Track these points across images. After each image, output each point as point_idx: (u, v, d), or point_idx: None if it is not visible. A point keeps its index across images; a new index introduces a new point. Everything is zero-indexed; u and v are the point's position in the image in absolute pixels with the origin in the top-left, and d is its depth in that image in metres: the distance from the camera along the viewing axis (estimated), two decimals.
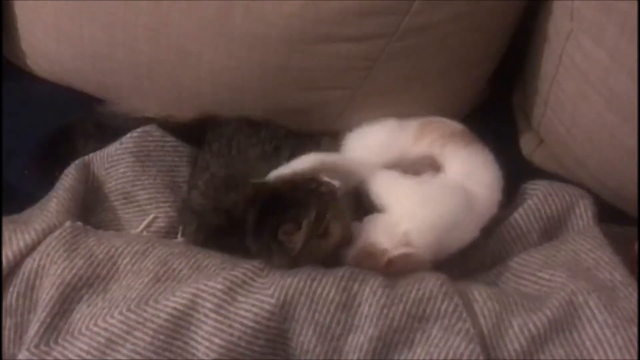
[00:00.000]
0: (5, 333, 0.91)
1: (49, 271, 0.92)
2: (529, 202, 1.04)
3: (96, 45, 1.16)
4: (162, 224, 1.07)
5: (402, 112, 1.13)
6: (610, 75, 0.99)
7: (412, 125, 1.10)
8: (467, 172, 1.02)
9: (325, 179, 0.97)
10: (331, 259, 0.94)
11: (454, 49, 1.10)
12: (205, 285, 0.88)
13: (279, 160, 1.06)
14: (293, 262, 0.91)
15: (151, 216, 1.07)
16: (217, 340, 0.86)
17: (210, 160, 1.08)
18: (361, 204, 1.02)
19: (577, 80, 1.04)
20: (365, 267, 0.92)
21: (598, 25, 0.98)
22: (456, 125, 1.10)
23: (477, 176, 1.02)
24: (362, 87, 1.11)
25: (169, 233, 1.07)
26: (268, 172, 1.02)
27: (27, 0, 1.20)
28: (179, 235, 1.06)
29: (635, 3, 0.91)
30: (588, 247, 0.97)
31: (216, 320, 0.86)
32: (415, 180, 1.01)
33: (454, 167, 1.02)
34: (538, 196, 1.04)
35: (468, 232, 0.98)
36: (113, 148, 1.11)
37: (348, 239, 0.95)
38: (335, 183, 0.98)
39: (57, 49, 1.20)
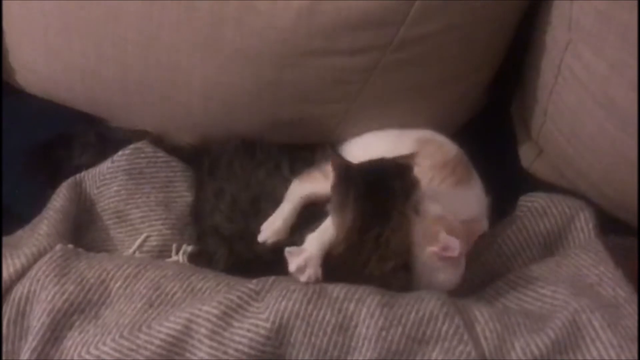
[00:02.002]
0: None
1: (40, 297, 0.90)
2: (528, 215, 1.03)
3: (85, 61, 1.13)
4: (154, 243, 1.05)
5: (399, 124, 1.12)
6: (611, 86, 0.97)
7: (409, 141, 1.08)
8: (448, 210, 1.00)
9: None
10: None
11: (450, 60, 1.07)
12: (200, 309, 0.86)
13: (282, 176, 1.07)
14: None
15: (143, 235, 1.06)
16: None
17: (223, 185, 1.07)
18: None
19: (577, 90, 1.02)
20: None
21: (598, 35, 0.96)
22: (450, 151, 1.08)
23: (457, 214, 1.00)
24: (358, 99, 1.09)
25: (162, 252, 1.05)
26: (280, 189, 1.03)
27: (15, 15, 1.17)
28: (173, 253, 1.05)
29: (636, 14, 0.89)
30: (590, 262, 0.95)
31: (210, 347, 0.84)
32: None
33: (435, 204, 0.99)
34: (537, 209, 1.03)
35: None
36: (105, 166, 1.10)
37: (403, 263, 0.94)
38: None
39: (45, 65, 1.18)
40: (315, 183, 1.04)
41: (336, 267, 0.93)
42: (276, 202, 1.02)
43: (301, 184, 1.04)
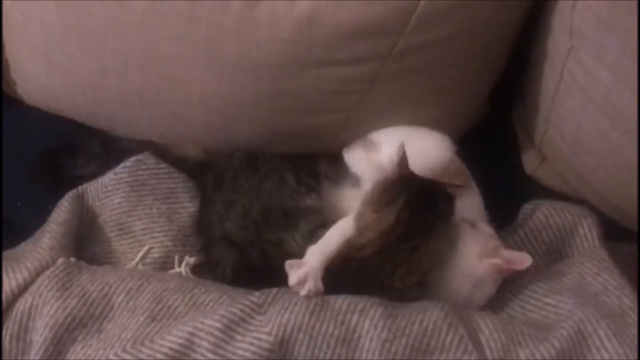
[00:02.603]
0: None
1: (42, 312, 0.90)
2: (530, 223, 1.03)
3: (86, 73, 1.14)
4: (157, 255, 1.05)
5: None
6: (613, 93, 0.96)
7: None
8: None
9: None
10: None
11: (450, 69, 1.07)
12: (202, 323, 0.86)
13: (289, 186, 1.07)
14: None
15: (146, 247, 1.05)
16: None
17: (233, 197, 1.06)
18: None
19: (579, 97, 1.02)
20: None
21: (599, 42, 0.95)
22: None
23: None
24: (358, 109, 1.09)
25: (165, 264, 1.05)
26: (288, 199, 1.03)
27: (15, 28, 1.18)
28: (176, 265, 1.05)
29: (637, 21, 0.89)
30: (595, 270, 0.95)
31: None
32: None
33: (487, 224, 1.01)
34: (539, 217, 1.03)
35: None
36: (107, 178, 1.10)
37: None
38: None
39: (46, 77, 1.18)
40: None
41: (354, 271, 0.92)
42: (285, 212, 1.02)
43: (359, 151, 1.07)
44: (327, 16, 1.00)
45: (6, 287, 0.92)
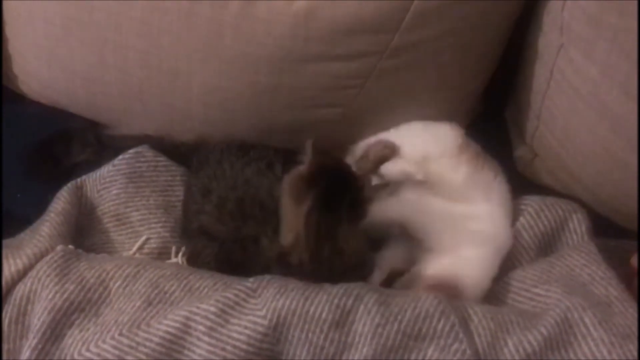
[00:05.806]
0: None
1: (40, 296, 0.91)
2: (521, 219, 1.04)
3: (87, 68, 1.16)
4: (154, 245, 1.07)
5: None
6: (602, 90, 0.98)
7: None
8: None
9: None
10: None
11: (445, 65, 1.09)
12: (198, 307, 0.87)
13: (274, 176, 1.06)
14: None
15: (143, 238, 1.07)
16: None
17: (210, 184, 1.06)
18: None
19: (569, 94, 1.04)
20: None
21: (588, 40, 0.97)
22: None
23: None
24: (354, 104, 1.11)
25: (161, 254, 1.07)
26: (268, 188, 1.02)
27: (18, 23, 1.20)
28: (172, 256, 1.06)
29: (626, 19, 0.91)
30: (583, 262, 0.97)
31: (209, 343, 0.85)
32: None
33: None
34: (530, 213, 1.04)
35: None
36: (105, 170, 1.11)
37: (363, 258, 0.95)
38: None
39: (48, 72, 1.20)
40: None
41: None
42: (260, 204, 1.01)
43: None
44: (325, 12, 1.03)
45: (6, 272, 0.94)
